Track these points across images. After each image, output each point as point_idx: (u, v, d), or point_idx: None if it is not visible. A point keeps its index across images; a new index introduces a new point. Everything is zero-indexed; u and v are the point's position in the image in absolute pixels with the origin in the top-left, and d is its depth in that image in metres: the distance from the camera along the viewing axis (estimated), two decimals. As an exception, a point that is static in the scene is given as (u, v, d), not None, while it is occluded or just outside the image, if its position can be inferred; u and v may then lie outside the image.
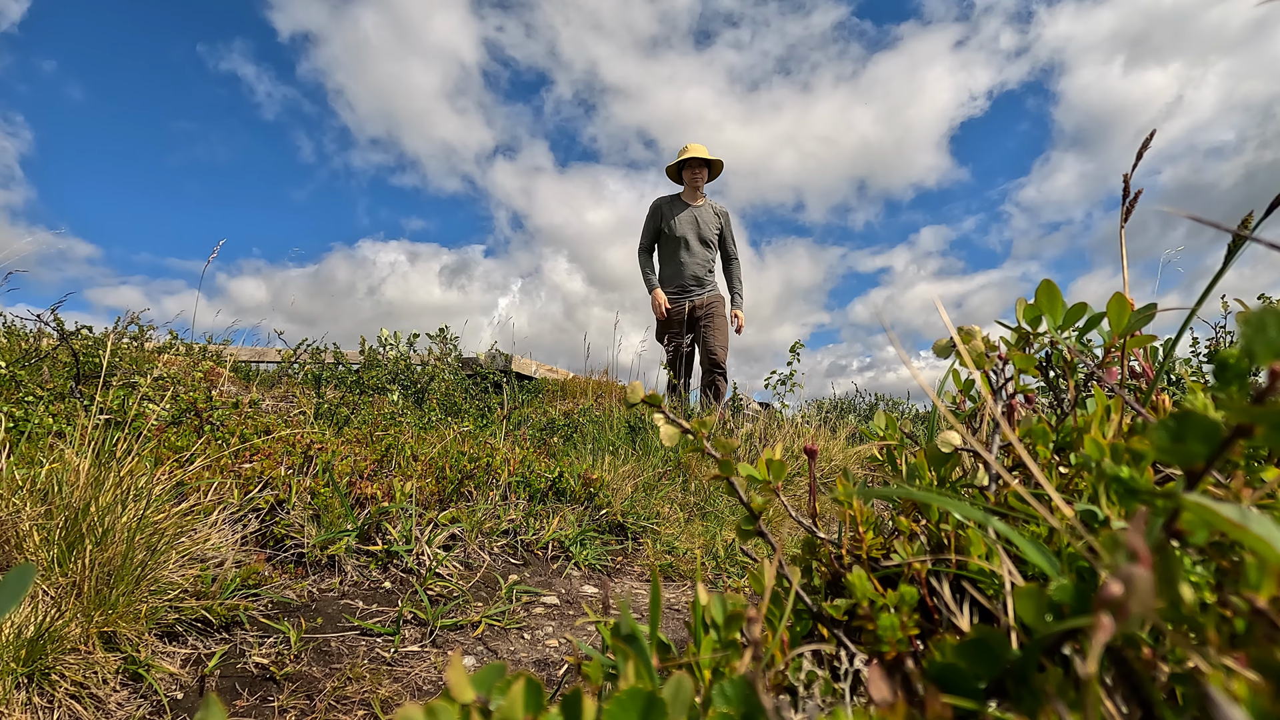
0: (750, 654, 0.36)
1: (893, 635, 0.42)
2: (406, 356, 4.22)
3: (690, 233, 4.64)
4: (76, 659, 0.93)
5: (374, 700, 1.03)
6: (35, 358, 2.17)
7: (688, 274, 4.68)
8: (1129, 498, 0.37)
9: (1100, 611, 0.23)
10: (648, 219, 4.84)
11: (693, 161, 4.68)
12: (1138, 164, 0.64)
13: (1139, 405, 0.48)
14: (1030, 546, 0.35)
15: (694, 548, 2.02)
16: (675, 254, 4.70)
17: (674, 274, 4.73)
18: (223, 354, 3.98)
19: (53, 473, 1.13)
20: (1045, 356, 0.63)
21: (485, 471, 1.97)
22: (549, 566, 1.77)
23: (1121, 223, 0.66)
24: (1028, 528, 0.45)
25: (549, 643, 1.33)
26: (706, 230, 4.69)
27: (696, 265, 4.67)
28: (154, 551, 1.08)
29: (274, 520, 1.48)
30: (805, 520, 0.59)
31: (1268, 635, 0.27)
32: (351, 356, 4.32)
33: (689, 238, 4.64)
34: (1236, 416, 0.25)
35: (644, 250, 4.83)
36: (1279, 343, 0.26)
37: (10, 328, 3.07)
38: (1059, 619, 0.31)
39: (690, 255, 4.66)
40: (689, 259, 4.66)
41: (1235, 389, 0.31)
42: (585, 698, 0.30)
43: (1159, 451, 0.28)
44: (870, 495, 0.45)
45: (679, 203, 4.73)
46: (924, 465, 0.56)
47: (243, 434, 1.76)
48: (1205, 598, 0.31)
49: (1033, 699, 0.30)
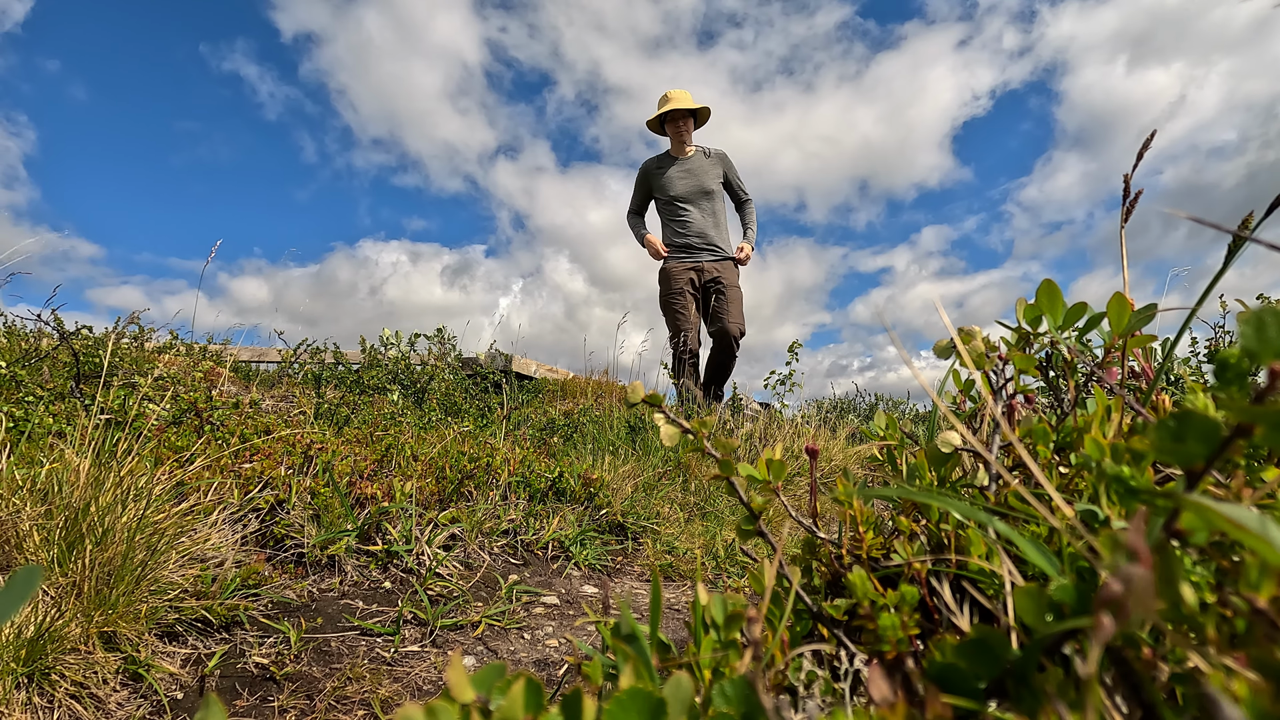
0: (750, 654, 0.36)
1: (893, 635, 0.42)
2: (406, 356, 4.22)
3: (686, 189, 4.13)
4: (76, 659, 0.93)
5: (374, 700, 1.03)
6: (35, 358, 2.17)
7: (693, 231, 4.13)
8: (1129, 498, 0.37)
9: (1100, 611, 0.23)
10: (636, 184, 4.34)
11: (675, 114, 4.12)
12: (1138, 164, 0.64)
13: (1139, 405, 0.48)
14: (1030, 546, 0.35)
15: (694, 548, 2.02)
16: (675, 215, 4.18)
17: (677, 235, 4.18)
18: (223, 354, 3.98)
19: (53, 473, 1.13)
20: (1045, 356, 0.63)
21: (485, 471, 1.97)
22: (549, 566, 1.77)
23: (1122, 223, 0.66)
24: (1028, 528, 0.45)
25: (549, 643, 1.33)
26: (705, 180, 4.14)
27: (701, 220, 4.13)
28: (154, 551, 1.08)
29: (274, 520, 1.48)
30: (805, 520, 0.59)
31: (1268, 635, 0.27)
32: (352, 356, 4.32)
33: (686, 195, 4.13)
34: (1236, 416, 0.25)
35: (633, 213, 4.38)
36: (1279, 343, 0.26)
37: (10, 328, 3.07)
38: (1059, 619, 0.31)
39: (691, 212, 4.13)
40: (691, 215, 4.13)
41: (1235, 389, 0.31)
42: (585, 698, 0.30)
43: (1159, 451, 0.28)
44: (870, 495, 0.45)
45: (667, 159, 4.21)
46: (924, 465, 0.56)
47: (243, 434, 1.76)
48: (1205, 598, 0.31)
49: (1033, 699, 0.30)
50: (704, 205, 4.16)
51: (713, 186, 4.17)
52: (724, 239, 4.23)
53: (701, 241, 4.15)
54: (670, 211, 4.22)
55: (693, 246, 4.15)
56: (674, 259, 4.20)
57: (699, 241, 4.15)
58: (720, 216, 4.25)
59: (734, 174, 4.28)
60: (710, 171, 4.18)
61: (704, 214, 4.17)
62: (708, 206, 4.17)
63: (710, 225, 4.17)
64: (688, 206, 4.14)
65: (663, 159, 4.24)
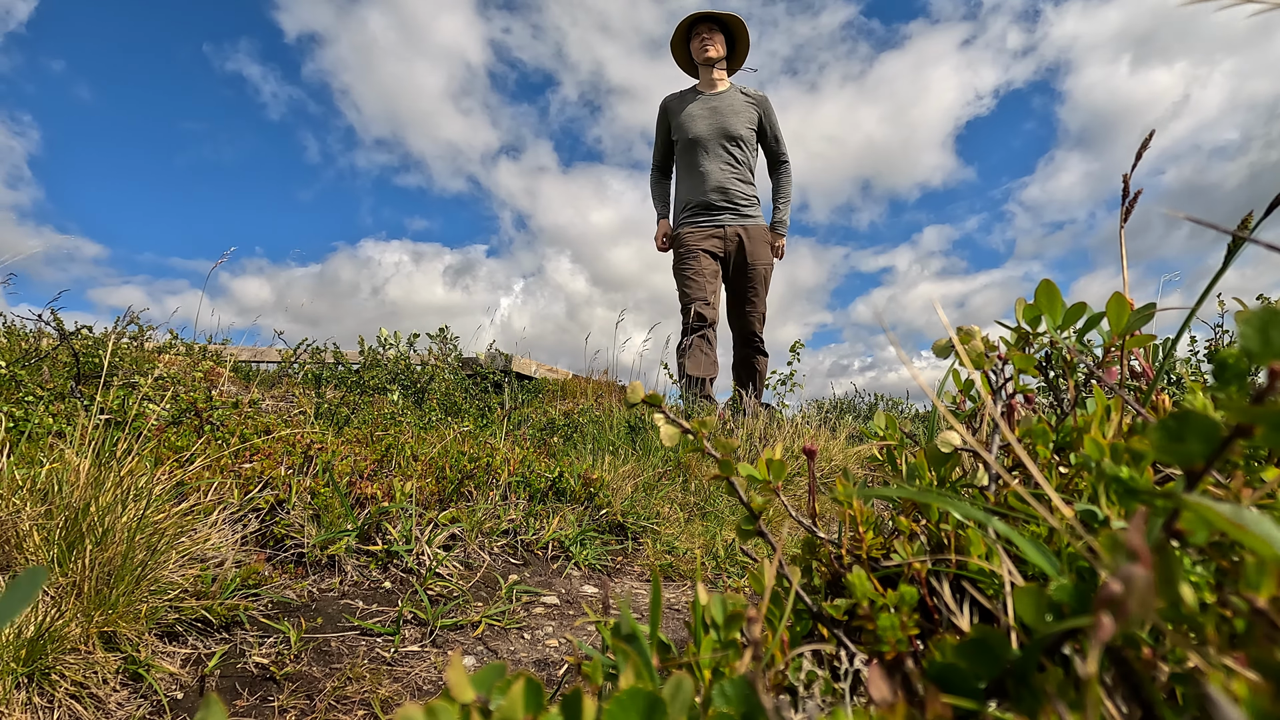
0: (750, 654, 0.36)
1: (893, 635, 0.42)
2: (406, 356, 4.22)
3: (707, 129, 3.23)
4: (76, 659, 0.93)
5: (374, 700, 1.03)
6: (35, 358, 2.17)
7: (710, 185, 3.24)
8: (1129, 498, 0.37)
9: (1100, 611, 0.23)
10: (657, 126, 3.45)
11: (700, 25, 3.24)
12: (1137, 164, 0.64)
13: (1139, 405, 0.48)
14: (1030, 546, 0.35)
15: (694, 548, 2.02)
16: (693, 162, 3.29)
17: (693, 189, 3.30)
18: (223, 354, 3.98)
19: (53, 473, 1.13)
20: (1045, 356, 0.63)
21: (485, 471, 1.97)
22: (549, 566, 1.77)
23: (1121, 223, 0.66)
24: (1028, 528, 0.45)
25: (549, 643, 1.33)
26: (733, 123, 3.23)
27: (723, 173, 3.24)
28: (154, 551, 1.08)
29: (274, 520, 1.48)
30: (805, 520, 0.59)
31: (1268, 635, 0.27)
32: (351, 356, 4.32)
33: (706, 137, 3.23)
34: (1236, 416, 0.25)
35: (655, 169, 3.51)
36: (1278, 343, 0.26)
37: (10, 328, 3.07)
38: (1059, 619, 0.31)
39: (712, 160, 3.24)
40: (711, 165, 3.24)
41: (1235, 389, 0.31)
42: (585, 697, 0.30)
43: (1159, 451, 0.28)
44: (870, 495, 0.45)
45: (691, 94, 3.34)
46: (924, 465, 0.56)
47: (243, 434, 1.76)
48: (1205, 598, 0.31)
49: (1033, 699, 0.30)
50: (729, 155, 3.27)
51: (740, 130, 3.26)
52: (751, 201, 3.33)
53: (722, 197, 3.26)
54: (687, 160, 3.33)
55: (713, 205, 3.26)
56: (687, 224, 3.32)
57: (719, 198, 3.25)
58: (748, 172, 3.34)
59: (774, 123, 3.36)
60: (742, 113, 3.28)
61: (728, 164, 3.27)
62: (735, 157, 3.28)
63: (737, 181, 3.27)
64: (710, 153, 3.27)
65: (686, 93, 3.38)
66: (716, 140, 3.26)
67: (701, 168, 3.27)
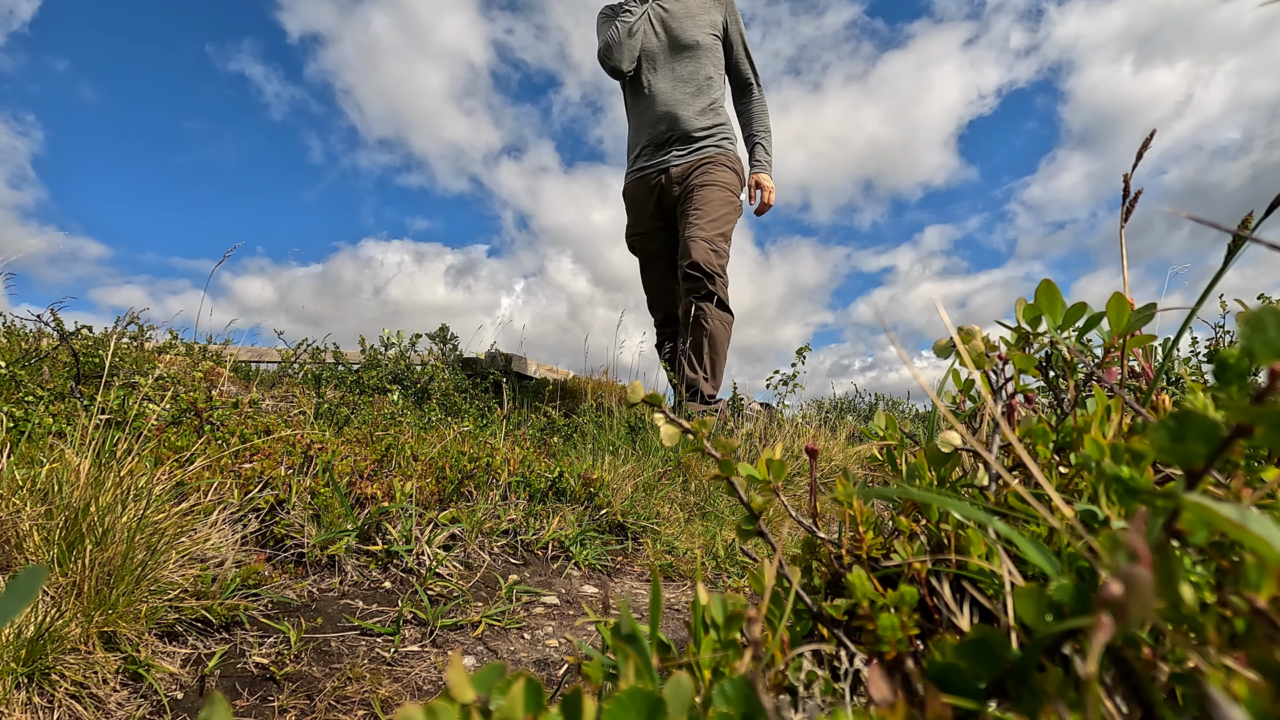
0: (750, 654, 0.36)
1: (893, 635, 0.42)
2: (407, 356, 4.22)
3: (656, 41, 2.47)
4: (76, 659, 0.93)
5: (374, 700, 1.03)
6: (35, 358, 2.18)
7: (658, 110, 2.45)
8: (1129, 498, 0.37)
9: (1100, 611, 0.23)
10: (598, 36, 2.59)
11: None
12: (1138, 164, 0.64)
13: (1139, 405, 0.48)
14: (1030, 546, 0.35)
15: (694, 548, 2.02)
16: (639, 86, 2.53)
17: (639, 123, 2.56)
18: (223, 354, 3.98)
19: (53, 473, 1.13)
20: (1045, 356, 0.63)
21: (485, 471, 1.97)
22: (549, 566, 1.77)
23: (1121, 223, 0.66)
24: (1028, 528, 0.45)
25: (549, 643, 1.33)
26: (686, 29, 2.45)
27: (675, 95, 2.45)
28: (154, 551, 1.08)
29: (274, 520, 1.47)
30: (805, 520, 0.59)
31: (1268, 635, 0.27)
32: (352, 356, 4.32)
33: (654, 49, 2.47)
34: (1236, 416, 0.25)
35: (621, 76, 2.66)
36: (1279, 343, 0.26)
37: (10, 328, 3.07)
38: (1059, 619, 0.31)
39: (662, 78, 2.46)
40: (661, 85, 2.46)
41: (1235, 389, 0.31)
42: (585, 697, 0.30)
43: (1159, 451, 0.28)
44: (870, 495, 0.45)
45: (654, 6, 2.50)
46: (924, 465, 0.56)
47: (243, 434, 1.76)
48: (1205, 598, 0.31)
49: (1033, 699, 0.30)
50: (682, 69, 2.47)
51: (697, 37, 2.46)
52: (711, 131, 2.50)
53: (670, 129, 2.45)
54: (634, 85, 2.56)
55: (661, 140, 2.47)
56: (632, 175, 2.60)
57: (666, 129, 2.46)
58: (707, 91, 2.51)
59: (742, 30, 2.57)
60: (700, 16, 2.48)
61: (680, 81, 2.46)
62: (688, 72, 2.47)
63: (685, 100, 2.46)
64: (659, 69, 2.48)
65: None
66: (668, 51, 2.49)
67: (649, 88, 2.49)
